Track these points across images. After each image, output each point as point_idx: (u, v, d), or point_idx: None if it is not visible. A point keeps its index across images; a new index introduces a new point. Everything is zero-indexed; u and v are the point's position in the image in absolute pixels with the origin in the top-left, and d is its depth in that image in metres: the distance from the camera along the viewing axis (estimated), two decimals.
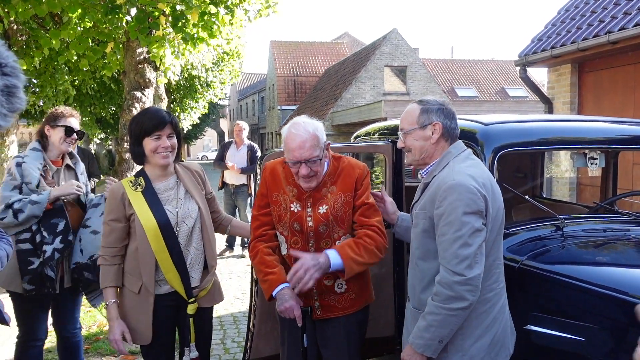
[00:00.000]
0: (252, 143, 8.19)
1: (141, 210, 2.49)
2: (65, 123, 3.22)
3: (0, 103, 0.83)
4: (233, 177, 7.88)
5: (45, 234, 3.07)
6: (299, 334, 2.54)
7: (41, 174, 3.15)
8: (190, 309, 2.61)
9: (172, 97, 18.48)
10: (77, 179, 3.37)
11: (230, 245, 8.50)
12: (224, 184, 8.10)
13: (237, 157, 7.86)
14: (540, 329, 2.33)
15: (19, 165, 3.09)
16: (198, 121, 25.19)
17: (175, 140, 2.56)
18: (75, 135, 3.27)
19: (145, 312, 2.53)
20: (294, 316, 2.37)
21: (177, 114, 21.18)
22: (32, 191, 3.06)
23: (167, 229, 2.50)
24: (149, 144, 2.50)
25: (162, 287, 2.56)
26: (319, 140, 2.35)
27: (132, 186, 2.55)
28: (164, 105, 12.53)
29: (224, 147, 8.14)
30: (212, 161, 8.43)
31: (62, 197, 3.16)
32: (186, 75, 17.23)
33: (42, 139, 3.23)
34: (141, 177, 2.58)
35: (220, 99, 21.88)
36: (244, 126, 8.09)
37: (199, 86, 18.77)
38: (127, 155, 7.13)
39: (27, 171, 3.09)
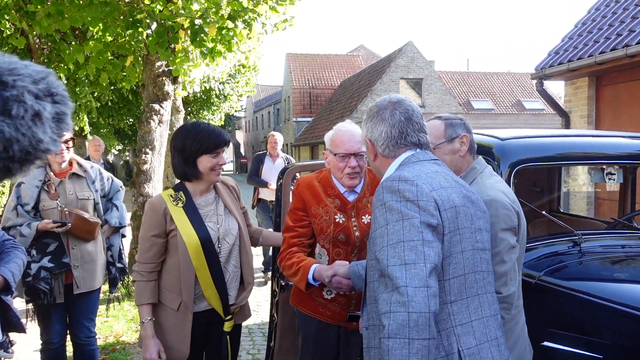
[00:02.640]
0: (288, 155, 7.68)
1: (183, 226, 2.43)
2: None
3: (52, 129, 0.88)
4: (272, 193, 7.20)
5: (34, 252, 3.22)
6: (331, 347, 2.54)
7: (44, 189, 3.26)
8: (227, 326, 2.58)
9: (189, 109, 18.67)
10: (88, 186, 3.47)
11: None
12: (259, 201, 7.33)
13: (274, 172, 7.17)
14: (557, 346, 2.31)
15: (18, 185, 3.29)
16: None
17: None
18: (62, 146, 3.32)
19: (184, 329, 2.47)
20: (343, 285, 2.29)
21: None
22: (28, 212, 3.22)
23: (208, 245, 2.45)
24: (206, 161, 2.44)
25: (199, 305, 2.51)
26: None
27: (173, 201, 2.49)
28: (181, 117, 12.69)
29: (258, 161, 7.41)
30: (228, 170, 8.09)
31: (65, 209, 3.29)
32: (203, 88, 17.42)
33: None
34: (181, 192, 2.52)
35: (236, 111, 22.06)
36: (279, 138, 7.46)
37: (215, 98, 18.96)
38: (145, 167, 7.22)
39: (25, 192, 3.26)
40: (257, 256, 8.37)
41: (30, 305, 3.41)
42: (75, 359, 3.57)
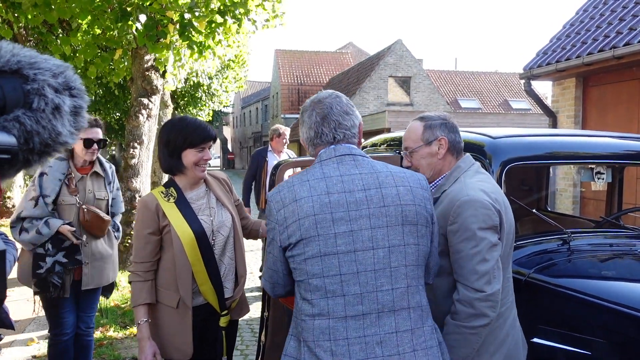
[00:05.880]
0: (291, 151, 7.03)
1: (177, 222, 2.40)
2: (84, 135, 3.29)
3: (70, 123, 0.89)
4: None
5: (49, 246, 3.23)
6: None
7: (65, 182, 3.27)
8: (223, 321, 2.55)
9: (177, 103, 18.55)
10: (105, 186, 3.50)
11: None
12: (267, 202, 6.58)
13: None
14: (546, 342, 2.34)
15: (41, 175, 3.28)
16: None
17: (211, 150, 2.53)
18: (95, 146, 3.37)
19: (185, 327, 2.43)
20: None
21: None
22: (47, 205, 3.22)
23: (203, 239, 2.42)
24: (191, 155, 2.42)
25: (195, 300, 2.47)
26: None
27: (165, 197, 2.46)
28: (169, 112, 12.61)
29: (260, 158, 6.56)
30: (215, 166, 7.38)
31: (83, 207, 3.31)
32: (191, 83, 17.31)
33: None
34: (172, 188, 2.49)
35: (224, 106, 21.97)
36: (287, 132, 6.62)
37: (203, 94, 18.85)
38: (133, 162, 7.17)
39: (47, 183, 3.26)
40: (252, 252, 8.37)
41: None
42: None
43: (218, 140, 57.76)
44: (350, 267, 1.66)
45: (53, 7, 6.07)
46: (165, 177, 12.26)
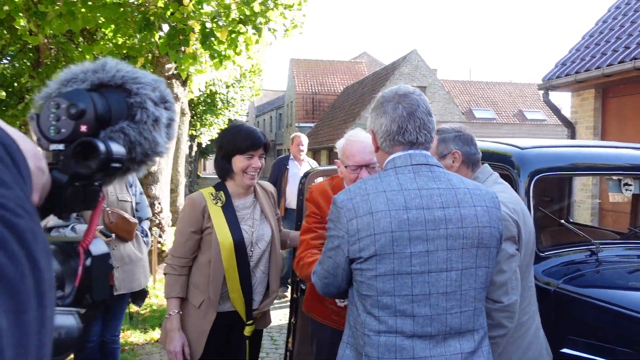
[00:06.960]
0: (311, 160, 7.06)
1: (219, 226, 2.46)
2: None
3: (165, 134, 0.96)
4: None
5: None
6: None
7: None
8: (248, 330, 2.58)
9: (193, 111, 18.72)
10: (127, 189, 3.53)
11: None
12: (286, 210, 6.42)
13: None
14: (576, 353, 2.33)
15: None
16: (217, 136, 25.47)
17: (264, 160, 2.55)
18: None
19: (202, 328, 2.48)
20: None
21: (197, 128, 21.45)
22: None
23: (241, 248, 2.47)
24: (240, 161, 2.47)
25: (222, 306, 2.52)
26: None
27: (213, 200, 2.52)
28: (186, 120, 12.71)
29: (281, 166, 6.62)
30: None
31: (107, 209, 3.33)
32: (207, 91, 17.46)
33: None
34: (222, 192, 2.55)
35: (240, 115, 22.12)
36: (305, 140, 6.77)
37: (219, 102, 18.99)
38: (153, 169, 7.24)
39: None
40: None
41: None
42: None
43: None
44: (423, 288, 1.61)
45: (78, 16, 6.18)
46: (182, 185, 12.35)
